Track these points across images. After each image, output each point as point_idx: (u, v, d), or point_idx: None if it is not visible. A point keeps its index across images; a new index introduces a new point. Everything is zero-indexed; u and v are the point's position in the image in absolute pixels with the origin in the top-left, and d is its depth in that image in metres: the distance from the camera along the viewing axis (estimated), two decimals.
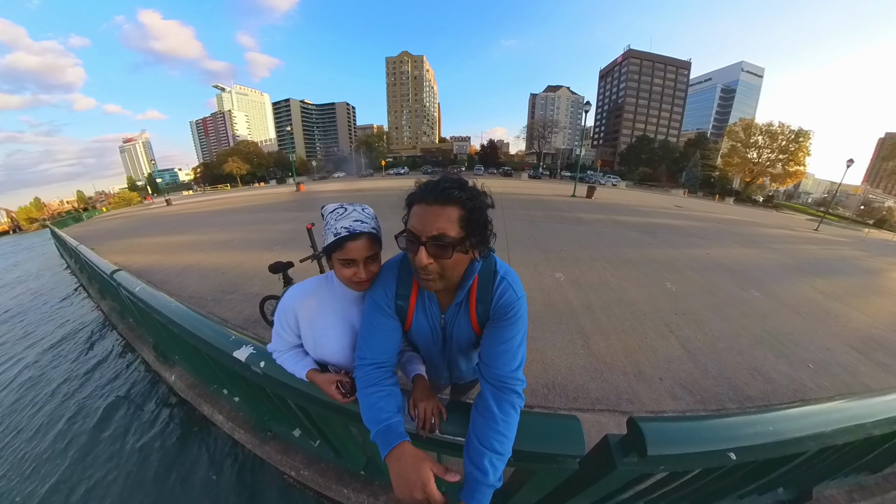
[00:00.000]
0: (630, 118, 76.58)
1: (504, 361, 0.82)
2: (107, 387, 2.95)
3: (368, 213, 0.90)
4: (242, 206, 17.06)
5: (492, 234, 0.81)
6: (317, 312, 1.00)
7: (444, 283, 0.79)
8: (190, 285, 4.95)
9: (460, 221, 0.72)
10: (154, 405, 2.62)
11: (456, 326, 0.94)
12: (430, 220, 0.72)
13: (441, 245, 0.71)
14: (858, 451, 1.40)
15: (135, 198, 41.10)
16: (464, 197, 0.72)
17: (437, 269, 0.75)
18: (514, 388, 0.81)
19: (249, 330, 3.41)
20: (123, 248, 8.73)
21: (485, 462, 0.75)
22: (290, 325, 1.02)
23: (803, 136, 42.98)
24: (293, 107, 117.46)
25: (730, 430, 0.94)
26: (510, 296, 0.85)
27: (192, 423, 2.35)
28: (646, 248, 7.24)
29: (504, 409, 0.79)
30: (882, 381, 3.01)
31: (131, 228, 13.47)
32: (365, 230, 0.85)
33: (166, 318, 1.88)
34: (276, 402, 1.59)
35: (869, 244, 14.04)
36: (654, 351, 3.11)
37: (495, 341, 0.84)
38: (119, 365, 3.29)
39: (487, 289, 0.86)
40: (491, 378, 0.82)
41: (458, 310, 0.91)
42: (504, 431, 0.78)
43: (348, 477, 1.72)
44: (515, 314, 0.85)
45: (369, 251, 0.87)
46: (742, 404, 2.51)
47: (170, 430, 2.33)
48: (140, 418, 2.49)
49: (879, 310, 4.94)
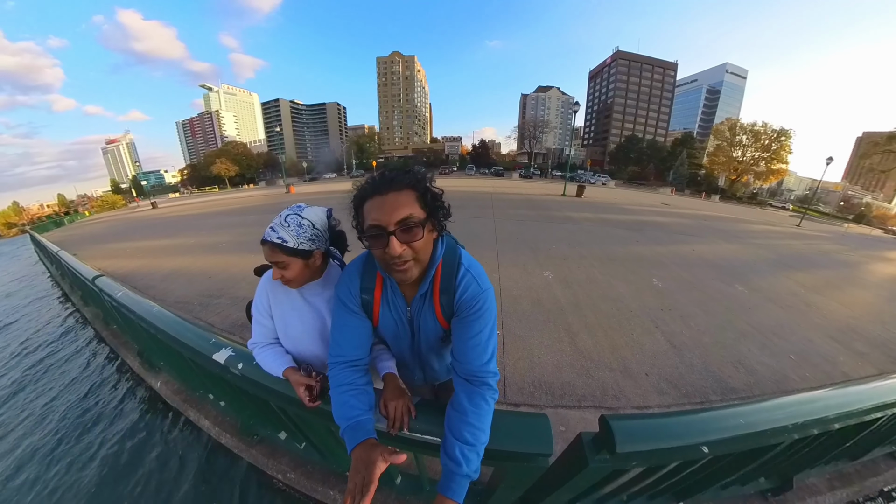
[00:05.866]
0: (619, 118, 77.77)
1: (474, 356, 0.83)
2: (91, 394, 2.88)
3: (292, 221, 0.93)
4: (231, 209, 16.79)
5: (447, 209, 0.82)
6: (285, 295, 1.07)
7: (420, 266, 0.80)
8: (176, 290, 4.85)
9: (419, 202, 0.75)
10: (140, 412, 2.57)
11: (422, 320, 0.93)
12: (390, 209, 0.72)
13: (409, 228, 0.72)
14: (836, 439, 1.44)
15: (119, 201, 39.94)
16: (413, 180, 0.75)
17: (411, 254, 0.76)
18: (486, 381, 0.82)
19: (237, 334, 3.36)
20: (107, 253, 8.51)
21: (457, 452, 0.76)
22: (265, 307, 1.10)
23: (785, 135, 44.39)
24: (283, 107, 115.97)
25: (701, 424, 0.95)
26: (474, 289, 0.85)
27: (179, 429, 2.31)
28: (633, 246, 7.35)
29: (475, 402, 0.80)
30: (860, 369, 3.11)
31: (115, 232, 13.13)
32: (269, 239, 0.92)
33: (148, 323, 1.86)
34: (258, 405, 1.58)
35: (848, 238, 14.50)
36: (641, 347, 3.15)
37: (464, 336, 0.84)
38: (104, 372, 3.21)
39: (450, 280, 0.86)
40: (463, 373, 0.83)
41: (423, 302, 0.90)
42: (475, 423, 0.79)
43: (334, 478, 1.71)
44: (481, 307, 0.84)
45: (272, 258, 0.94)
46: (726, 397, 2.56)
47: (156, 437, 2.28)
48: (126, 425, 2.43)
49: (857, 301, 5.11)
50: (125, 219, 20.25)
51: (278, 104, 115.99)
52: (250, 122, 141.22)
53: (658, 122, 79.37)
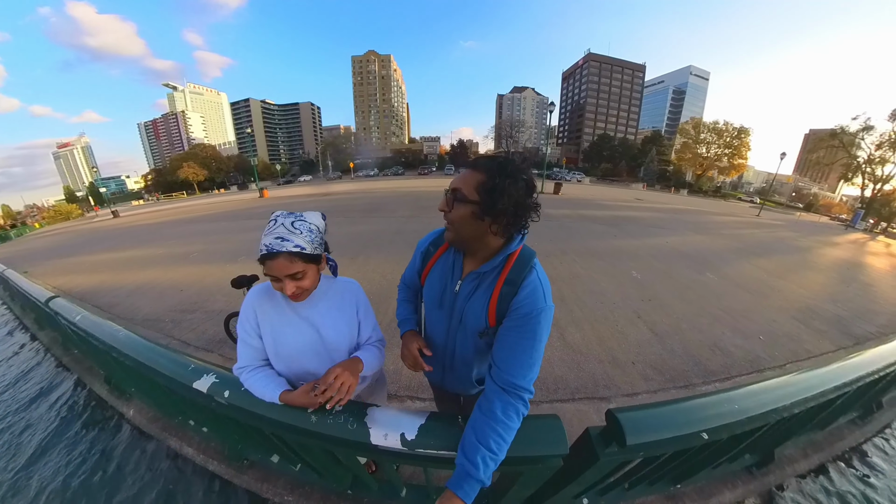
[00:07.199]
0: (591, 117, 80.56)
1: (519, 368, 0.81)
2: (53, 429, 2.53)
3: (302, 226, 0.88)
4: (201, 216, 15.95)
5: (521, 220, 0.81)
6: (274, 310, 0.99)
7: (453, 236, 0.87)
8: (143, 306, 4.52)
9: (478, 186, 0.79)
10: (114, 444, 2.30)
11: (470, 301, 0.91)
12: (457, 178, 0.83)
13: (453, 198, 0.82)
14: (810, 414, 1.55)
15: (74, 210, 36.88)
16: (492, 167, 0.79)
17: (450, 217, 0.84)
18: (522, 397, 0.81)
19: (215, 351, 3.17)
20: (63, 269, 7.83)
21: (478, 458, 0.76)
22: (252, 326, 1.00)
23: (744, 132, 48.03)
24: (253, 107, 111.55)
25: (700, 411, 0.99)
26: (538, 296, 0.84)
27: (160, 460, 2.11)
28: (611, 240, 7.61)
29: (507, 414, 0.79)
30: (820, 345, 3.38)
31: (72, 246, 12.14)
32: (283, 249, 0.83)
33: (113, 350, 1.68)
34: (248, 431, 1.48)
35: (801, 225, 15.74)
36: (626, 337, 3.26)
37: (513, 344, 0.83)
38: (68, 403, 2.85)
39: (519, 274, 0.85)
40: (501, 382, 0.82)
41: (480, 282, 0.90)
42: (503, 433, 0.78)
43: (335, 498, 1.63)
44: (538, 316, 0.82)
45: (288, 270, 0.85)
46: (706, 378, 2.70)
47: (138, 472, 2.06)
48: (100, 461, 2.19)
49: (813, 283, 5.55)
50: (83, 230, 18.76)
51: (248, 104, 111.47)
52: (219, 123, 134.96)
53: (629, 121, 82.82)
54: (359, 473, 1.48)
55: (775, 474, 1.79)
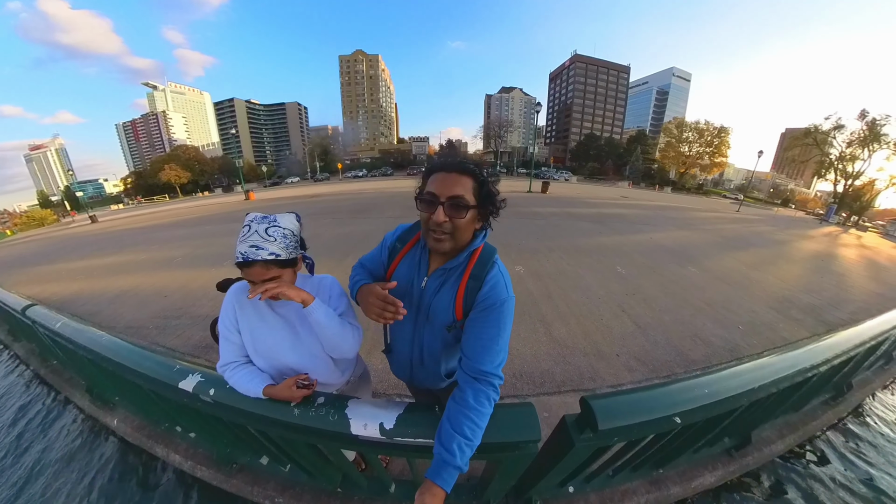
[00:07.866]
0: (578, 117, 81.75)
1: (487, 356, 0.85)
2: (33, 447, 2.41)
3: (276, 233, 0.88)
4: (185, 219, 15.53)
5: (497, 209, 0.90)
6: (252, 308, 1.02)
7: (453, 244, 0.87)
8: (126, 313, 4.38)
9: (473, 190, 0.83)
10: (98, 457, 2.23)
11: (437, 297, 0.94)
12: (449, 185, 0.82)
13: (457, 206, 0.82)
14: (783, 397, 1.63)
15: (49, 216, 35.35)
16: (477, 171, 0.84)
17: (450, 229, 0.83)
18: (493, 383, 0.85)
19: (202, 357, 3.10)
20: (39, 277, 7.50)
21: (453, 445, 0.79)
22: (233, 322, 1.03)
23: (724, 131, 49.90)
24: (238, 107, 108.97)
25: (671, 396, 1.03)
26: (501, 289, 0.89)
27: (147, 470, 2.06)
28: (597, 237, 7.76)
29: (479, 400, 0.83)
30: (797, 333, 3.54)
31: (48, 252, 11.64)
32: (258, 258, 0.84)
33: (96, 355, 1.65)
34: (234, 432, 1.47)
35: (778, 220, 16.34)
36: (610, 330, 3.34)
37: (480, 335, 0.87)
38: (48, 416, 2.73)
39: (483, 269, 0.90)
40: (471, 371, 0.86)
41: (446, 278, 0.93)
42: (476, 420, 0.82)
43: (326, 497, 1.63)
44: (501, 308, 0.87)
45: (265, 276, 0.88)
46: (688, 368, 2.79)
47: (125, 483, 2.01)
48: (83, 475, 2.11)
49: (788, 274, 5.78)
50: (59, 236, 18.03)
51: (233, 104, 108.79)
52: (202, 123, 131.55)
53: (614, 120, 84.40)
54: (348, 471, 1.49)
55: (753, 456, 1.87)
